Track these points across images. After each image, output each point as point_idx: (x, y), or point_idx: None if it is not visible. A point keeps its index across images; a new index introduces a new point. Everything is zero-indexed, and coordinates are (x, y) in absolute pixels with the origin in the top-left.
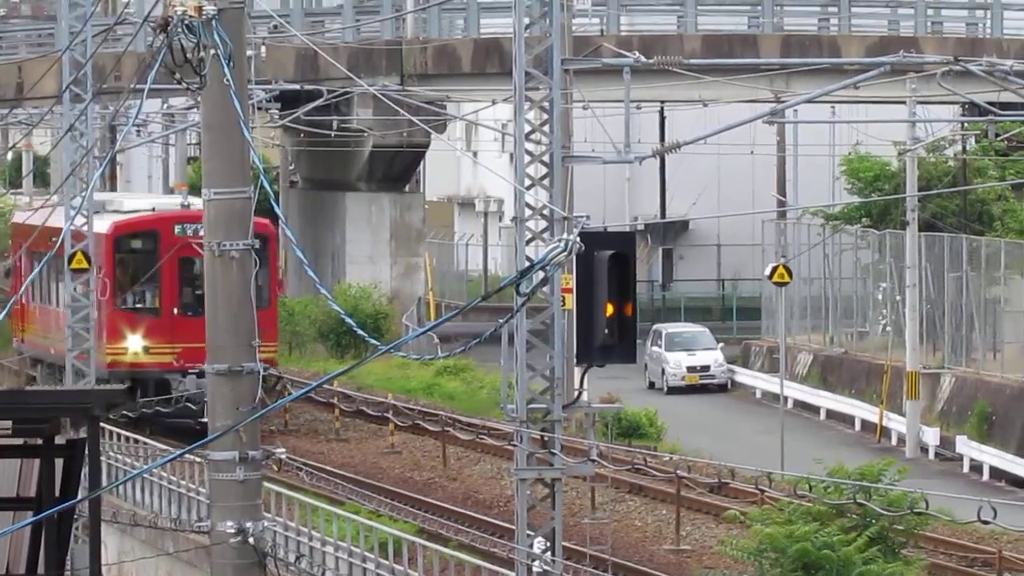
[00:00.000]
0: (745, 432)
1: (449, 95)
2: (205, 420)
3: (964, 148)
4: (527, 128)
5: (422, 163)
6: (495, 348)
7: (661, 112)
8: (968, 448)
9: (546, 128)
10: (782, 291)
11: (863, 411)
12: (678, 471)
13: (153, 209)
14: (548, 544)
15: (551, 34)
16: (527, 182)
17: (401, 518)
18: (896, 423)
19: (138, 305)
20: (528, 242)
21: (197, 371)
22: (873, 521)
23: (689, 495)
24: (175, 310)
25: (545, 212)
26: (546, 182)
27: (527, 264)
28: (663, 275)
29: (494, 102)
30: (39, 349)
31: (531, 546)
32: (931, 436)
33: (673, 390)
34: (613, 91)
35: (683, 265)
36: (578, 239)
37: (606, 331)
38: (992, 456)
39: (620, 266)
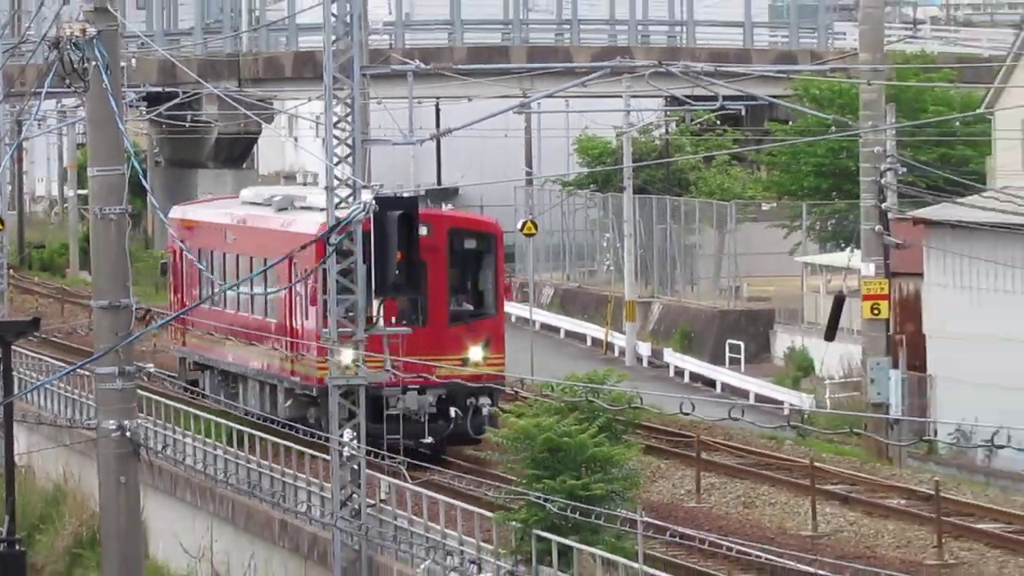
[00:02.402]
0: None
1: (276, 94)
2: (428, 440)
3: (667, 130)
4: (335, 118)
5: (256, 146)
6: None
7: (437, 106)
8: (673, 358)
9: (349, 118)
10: (531, 240)
11: (593, 331)
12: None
13: None
14: (355, 434)
15: (352, 47)
16: (336, 159)
17: (245, 416)
18: (618, 339)
19: (351, 314)
20: (337, 205)
21: (418, 387)
22: (600, 414)
23: None
24: (393, 319)
25: (349, 182)
26: (350, 160)
27: (336, 222)
28: None
29: (309, 99)
30: (208, 353)
31: (342, 436)
32: (645, 349)
33: None
34: (400, 90)
35: None
36: (374, 202)
37: (397, 272)
38: (691, 364)
39: (407, 223)
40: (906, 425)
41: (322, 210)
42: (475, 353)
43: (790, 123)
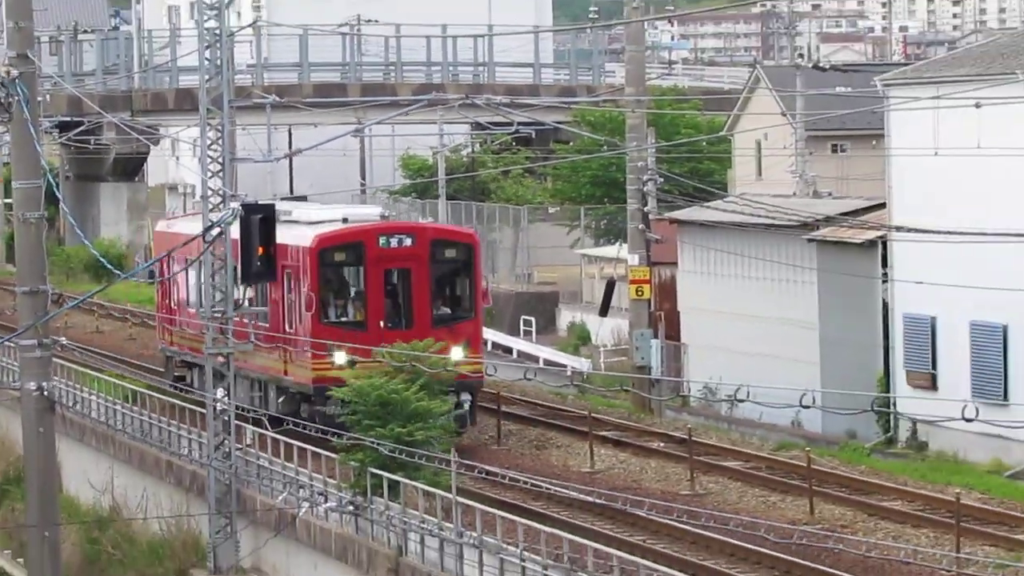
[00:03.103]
0: None
1: (161, 122)
2: None
3: (472, 150)
4: (209, 141)
5: (146, 163)
6: None
7: (289, 131)
8: None
9: (220, 141)
10: None
11: None
12: None
13: (345, 220)
14: (226, 391)
15: (221, 85)
16: (210, 174)
17: (139, 379)
18: None
19: (343, 319)
20: (211, 211)
21: None
22: (421, 376)
23: None
24: (381, 323)
25: (221, 192)
26: (221, 174)
27: (210, 223)
28: None
29: (188, 126)
30: (197, 353)
31: (216, 392)
32: None
33: None
34: (260, 118)
35: None
36: (240, 208)
37: (258, 263)
38: (493, 335)
39: (266, 224)
40: (665, 383)
41: (310, 223)
42: (456, 353)
43: (571, 143)
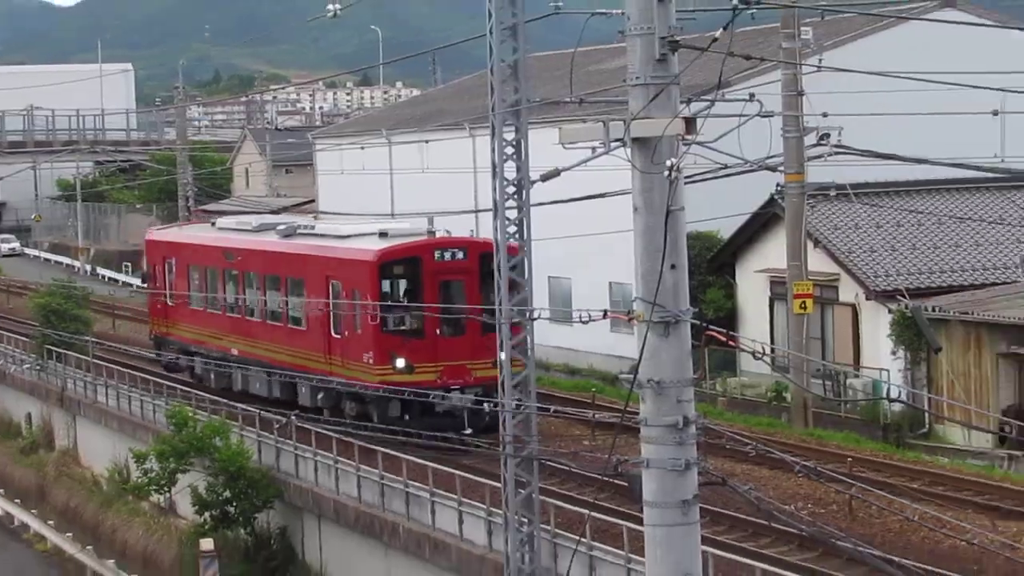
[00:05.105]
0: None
1: None
2: (467, 432)
3: (95, 175)
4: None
5: None
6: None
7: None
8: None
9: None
10: (39, 224)
11: (66, 260)
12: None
13: (384, 234)
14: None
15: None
16: None
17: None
18: (79, 264)
19: (402, 327)
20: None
21: (459, 387)
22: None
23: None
24: (437, 331)
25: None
26: None
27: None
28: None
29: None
30: (191, 343)
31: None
32: (88, 267)
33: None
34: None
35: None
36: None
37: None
38: (120, 276)
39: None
40: None
41: (339, 236)
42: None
43: (148, 171)
